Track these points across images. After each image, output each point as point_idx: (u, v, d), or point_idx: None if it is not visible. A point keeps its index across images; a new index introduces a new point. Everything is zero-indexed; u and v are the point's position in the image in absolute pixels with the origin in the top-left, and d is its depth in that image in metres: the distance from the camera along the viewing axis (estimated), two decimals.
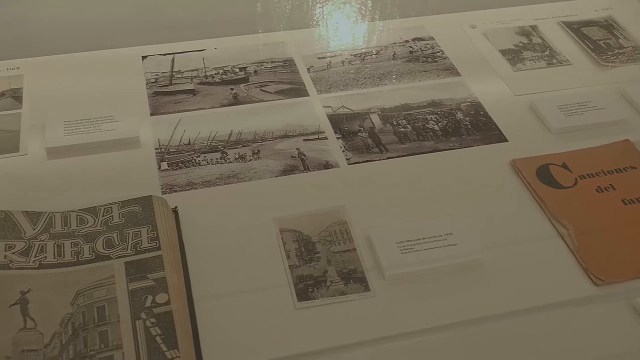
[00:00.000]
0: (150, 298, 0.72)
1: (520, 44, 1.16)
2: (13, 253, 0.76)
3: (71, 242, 0.78)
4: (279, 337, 0.72)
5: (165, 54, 1.11)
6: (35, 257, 0.76)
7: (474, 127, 0.99)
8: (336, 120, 0.99)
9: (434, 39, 1.16)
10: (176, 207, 0.84)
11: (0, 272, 0.74)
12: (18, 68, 1.06)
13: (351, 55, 1.13)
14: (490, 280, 0.78)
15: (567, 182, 0.89)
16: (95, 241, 0.78)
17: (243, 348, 0.71)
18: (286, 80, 1.07)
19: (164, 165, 0.91)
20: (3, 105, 1.00)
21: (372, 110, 1.01)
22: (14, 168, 0.90)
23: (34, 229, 0.79)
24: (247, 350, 0.71)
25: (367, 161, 0.93)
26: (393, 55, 1.13)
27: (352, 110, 1.01)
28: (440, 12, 1.23)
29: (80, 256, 0.77)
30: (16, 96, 1.01)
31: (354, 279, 0.78)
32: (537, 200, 0.87)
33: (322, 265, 0.79)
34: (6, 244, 0.77)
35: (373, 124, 0.99)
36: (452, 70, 1.10)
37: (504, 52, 1.14)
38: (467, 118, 1.00)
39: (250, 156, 0.93)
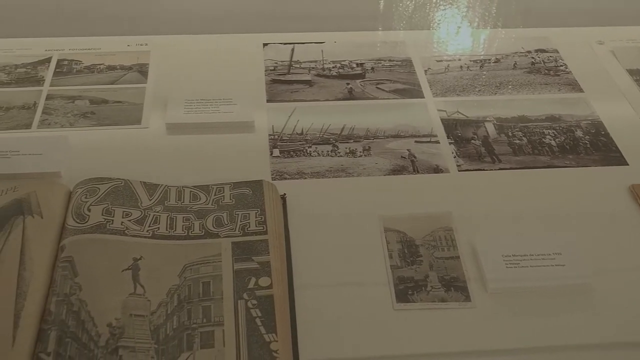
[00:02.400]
0: (253, 280, 0.74)
1: None
2: (129, 220, 0.79)
3: (183, 217, 0.81)
4: (375, 336, 0.72)
5: (285, 43, 1.12)
6: (149, 226, 0.79)
7: (593, 146, 0.95)
8: (450, 125, 0.98)
9: (557, 52, 1.13)
10: (284, 194, 0.85)
11: (116, 237, 0.77)
12: (146, 44, 1.11)
13: (470, 60, 1.11)
14: (598, 307, 0.75)
15: None
16: (206, 218, 0.80)
17: (338, 341, 0.71)
18: (402, 80, 1.06)
19: (276, 152, 0.93)
20: (130, 78, 1.04)
21: (488, 119, 1.00)
22: (135, 139, 0.94)
23: (150, 200, 0.82)
24: (341, 344, 0.71)
25: (478, 170, 0.91)
26: (514, 65, 1.10)
27: (467, 117, 1.00)
28: (566, 25, 1.19)
29: (190, 231, 0.79)
30: (142, 71, 1.05)
31: (455, 287, 0.77)
32: None
33: (424, 269, 0.78)
34: (124, 211, 0.80)
35: (487, 133, 0.97)
36: (574, 86, 1.06)
37: (631, 72, 1.09)
38: (587, 137, 0.97)
39: (360, 152, 0.93)
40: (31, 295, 0.71)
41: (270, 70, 1.07)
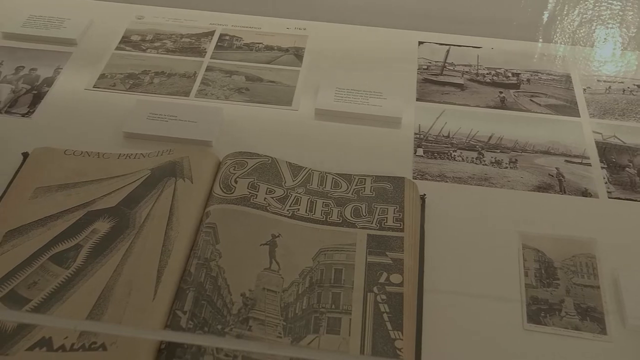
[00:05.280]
0: (385, 275, 0.74)
1: None
2: (272, 198, 0.81)
3: (323, 202, 0.82)
4: (501, 353, 0.70)
5: (441, 44, 1.11)
6: (290, 206, 0.81)
7: None
8: (604, 149, 0.94)
9: None
10: (424, 194, 0.85)
11: (258, 211, 0.79)
12: (304, 29, 1.13)
13: (634, 84, 1.05)
14: None
15: None
16: (345, 207, 0.81)
17: (461, 351, 0.70)
18: (558, 95, 1.02)
19: (420, 151, 0.92)
20: (285, 60, 1.07)
21: None
22: (284, 120, 0.96)
23: (294, 181, 0.84)
24: (465, 355, 0.70)
25: (630, 199, 0.87)
26: None
27: (624, 143, 0.95)
28: None
29: (328, 217, 0.80)
30: (298, 55, 1.08)
31: (591, 317, 0.73)
32: None
33: (560, 293, 0.75)
34: (267, 188, 0.82)
35: None
36: None
37: None
38: None
39: (506, 163, 0.91)
40: (175, 254, 0.74)
41: (423, 69, 1.06)
